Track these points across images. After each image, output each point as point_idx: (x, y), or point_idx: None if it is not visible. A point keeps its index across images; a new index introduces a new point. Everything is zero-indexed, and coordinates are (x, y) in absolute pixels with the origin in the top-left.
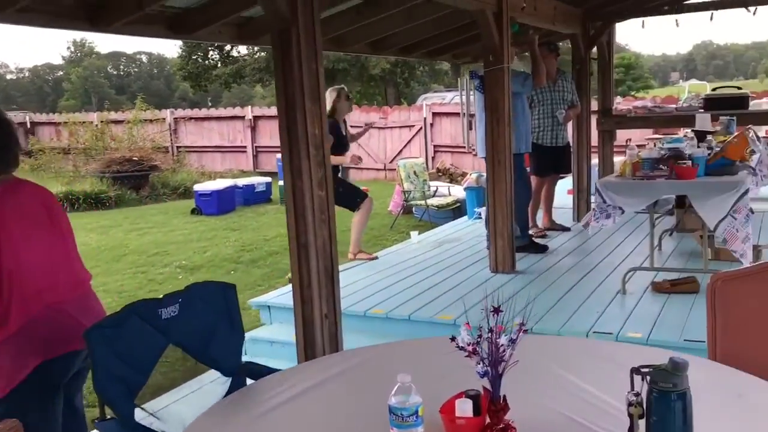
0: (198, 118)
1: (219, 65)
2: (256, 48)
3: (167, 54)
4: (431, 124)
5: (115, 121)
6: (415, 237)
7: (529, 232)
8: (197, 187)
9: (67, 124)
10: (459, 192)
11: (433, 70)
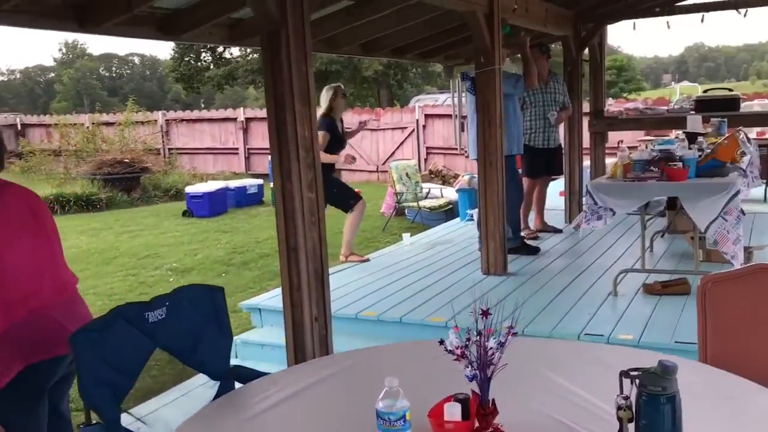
0: (190, 120)
1: (211, 67)
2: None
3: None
4: (423, 126)
5: (107, 123)
6: (407, 239)
7: (521, 233)
8: (189, 189)
9: (57, 125)
10: (451, 194)
11: (426, 72)
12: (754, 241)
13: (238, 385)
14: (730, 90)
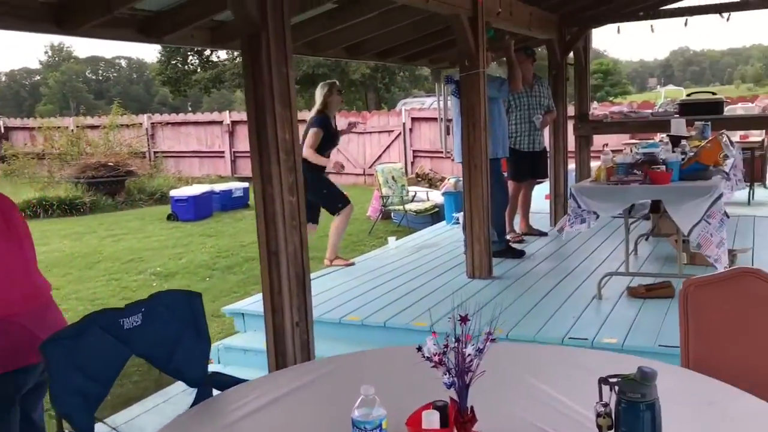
0: (175, 123)
1: (198, 70)
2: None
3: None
4: (410, 129)
5: (92, 126)
6: (392, 243)
7: (507, 237)
8: (173, 192)
9: (41, 129)
10: (437, 197)
11: (414, 76)
12: (738, 244)
13: (216, 392)
14: (714, 94)
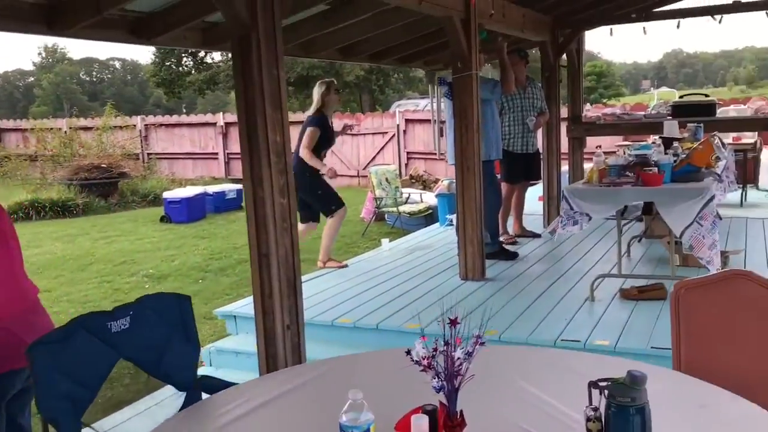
0: (169, 124)
1: (193, 72)
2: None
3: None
4: (404, 131)
5: (85, 128)
6: (386, 244)
7: (500, 239)
8: (166, 194)
9: (34, 130)
10: (431, 199)
11: (408, 78)
12: (731, 246)
13: (206, 396)
14: (707, 96)
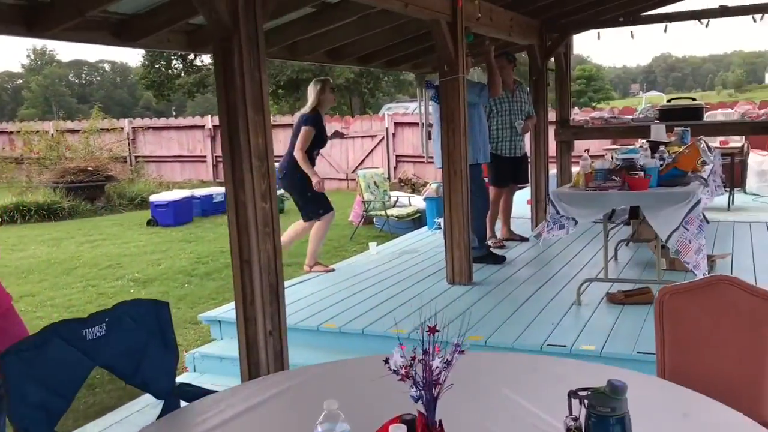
0: (157, 127)
1: (182, 74)
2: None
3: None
4: (393, 134)
5: (72, 131)
6: (373, 248)
7: (488, 242)
8: (153, 197)
9: (20, 133)
10: (419, 202)
11: (399, 81)
12: (718, 250)
13: (184, 404)
14: (694, 99)
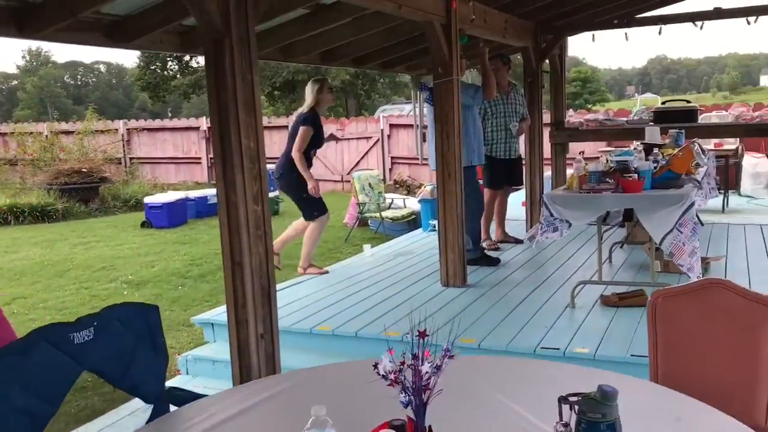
0: (152, 128)
1: (178, 76)
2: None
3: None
4: (388, 136)
5: (66, 132)
6: (368, 250)
7: (482, 244)
8: (147, 199)
9: (14, 134)
10: (414, 204)
11: (394, 82)
12: (712, 252)
13: (174, 408)
14: (688, 102)
